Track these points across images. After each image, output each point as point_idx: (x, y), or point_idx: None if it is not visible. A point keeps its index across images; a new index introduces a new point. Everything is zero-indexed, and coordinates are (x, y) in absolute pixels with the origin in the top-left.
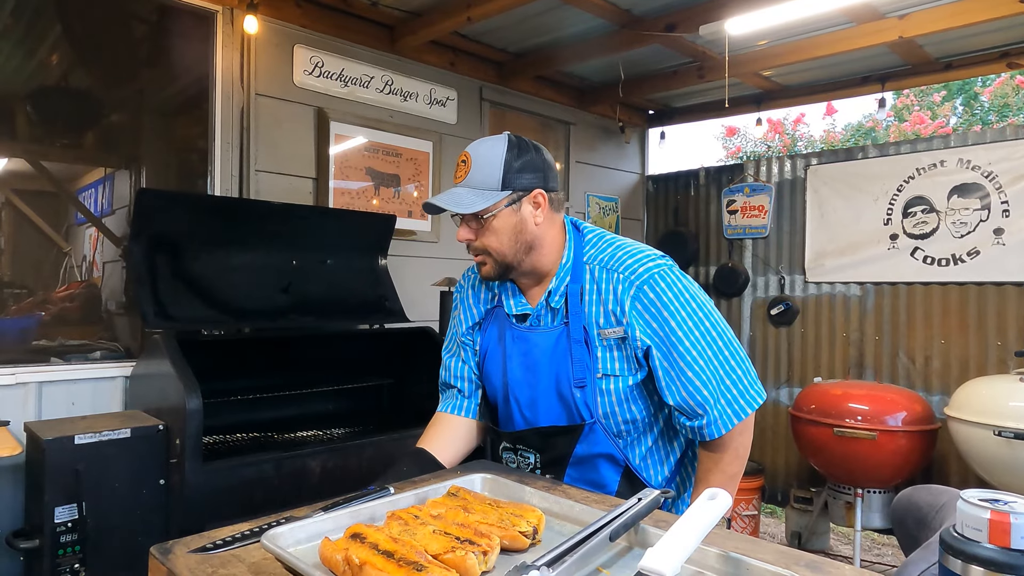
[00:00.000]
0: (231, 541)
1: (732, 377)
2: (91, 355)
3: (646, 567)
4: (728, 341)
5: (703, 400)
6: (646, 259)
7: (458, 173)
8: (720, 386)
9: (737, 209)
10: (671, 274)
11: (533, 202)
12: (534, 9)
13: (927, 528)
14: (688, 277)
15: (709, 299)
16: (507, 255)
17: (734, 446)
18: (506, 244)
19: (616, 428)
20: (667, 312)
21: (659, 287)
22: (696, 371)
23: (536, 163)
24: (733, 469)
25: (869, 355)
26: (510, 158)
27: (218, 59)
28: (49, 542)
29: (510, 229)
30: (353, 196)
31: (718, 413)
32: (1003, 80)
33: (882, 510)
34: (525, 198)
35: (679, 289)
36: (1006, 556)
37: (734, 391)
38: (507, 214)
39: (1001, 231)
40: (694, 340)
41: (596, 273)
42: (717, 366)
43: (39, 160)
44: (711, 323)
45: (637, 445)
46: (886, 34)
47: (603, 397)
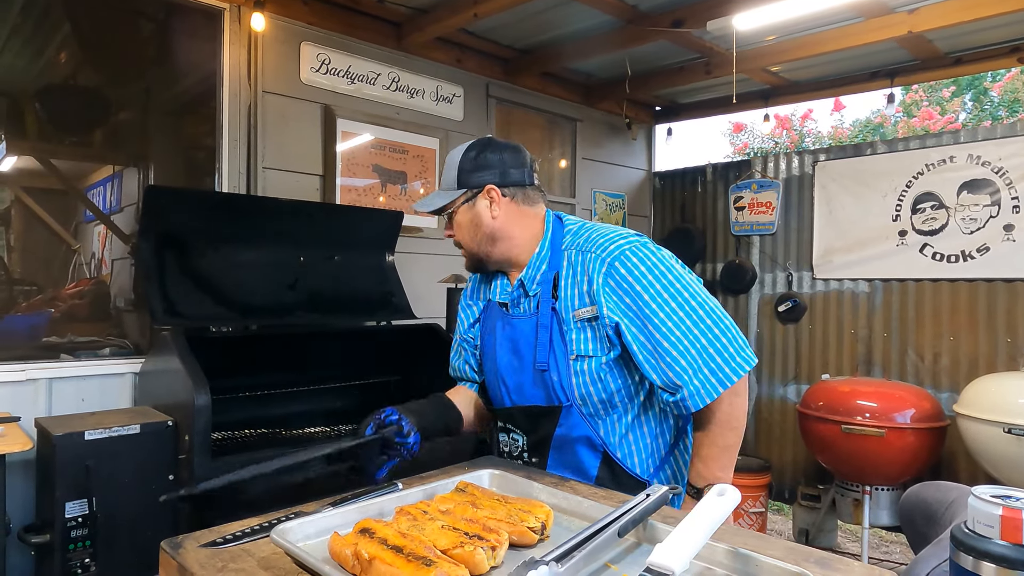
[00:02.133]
0: (241, 536)
1: (715, 345)
2: (100, 351)
3: (655, 563)
4: (708, 310)
5: (681, 371)
6: (618, 237)
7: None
8: (700, 356)
9: (744, 205)
10: (642, 250)
11: (487, 197)
12: (540, 5)
13: (936, 524)
14: (664, 252)
15: (687, 271)
16: (471, 246)
17: (723, 417)
18: (468, 237)
19: (592, 409)
20: (639, 287)
21: (629, 263)
22: (672, 342)
23: (492, 162)
24: (725, 440)
25: (877, 352)
26: (466, 159)
27: (225, 57)
28: (60, 537)
29: (469, 223)
30: (360, 193)
31: (699, 383)
32: (1013, 75)
33: (890, 507)
34: (480, 194)
35: (651, 263)
36: (1018, 552)
37: (717, 359)
38: (464, 210)
39: (1011, 227)
40: (668, 312)
41: (572, 257)
42: (696, 336)
43: (48, 158)
44: (689, 293)
45: (615, 429)
46: (895, 29)
47: (577, 378)
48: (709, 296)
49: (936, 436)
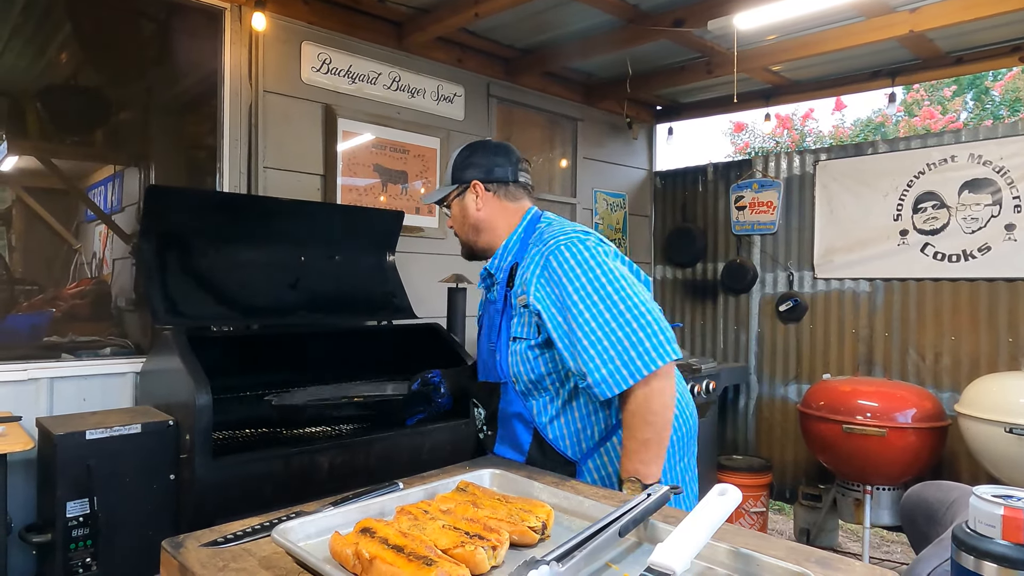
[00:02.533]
0: (242, 535)
1: (630, 338)
2: (101, 351)
3: (656, 563)
4: (630, 304)
5: (589, 359)
6: (562, 233)
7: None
8: (613, 347)
9: (745, 205)
10: (576, 244)
11: (473, 191)
12: (541, 5)
13: (937, 524)
14: (601, 248)
15: (619, 263)
16: (461, 235)
17: (638, 410)
18: (458, 226)
19: (524, 387)
20: (565, 279)
21: (562, 256)
22: (586, 331)
23: (480, 161)
24: (643, 434)
25: (878, 352)
26: (460, 157)
27: (226, 56)
28: (61, 536)
29: (459, 215)
30: (361, 192)
31: (608, 372)
32: (1015, 74)
33: (891, 507)
34: (467, 189)
35: (581, 257)
36: (1020, 552)
37: (630, 352)
38: (456, 202)
39: (1013, 227)
40: (588, 303)
41: (532, 250)
42: (612, 328)
43: (49, 158)
44: (613, 288)
45: (546, 410)
46: (896, 28)
47: (512, 358)
48: (637, 291)
49: (937, 436)
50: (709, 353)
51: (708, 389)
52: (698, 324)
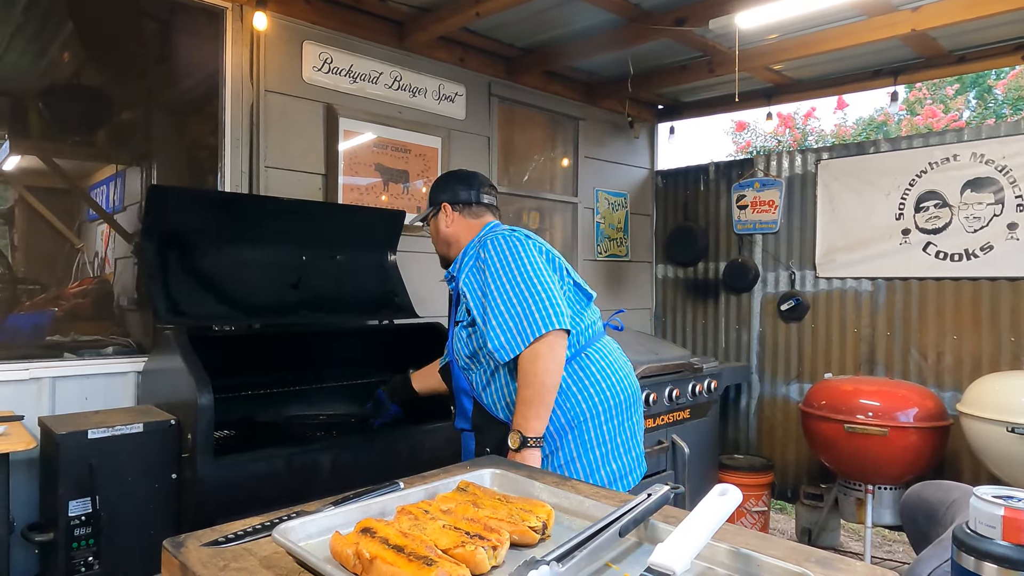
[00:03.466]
0: (243, 535)
1: (523, 311)
2: (104, 350)
3: (656, 563)
4: (531, 282)
5: (491, 329)
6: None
7: None
8: (511, 318)
9: (747, 204)
10: (500, 238)
11: (443, 211)
12: (543, 4)
13: (938, 524)
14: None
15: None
16: (437, 248)
17: (524, 371)
18: (434, 240)
19: (464, 363)
20: (485, 266)
21: (486, 249)
22: (493, 306)
23: (447, 186)
24: (524, 392)
25: (880, 351)
26: (435, 184)
27: (228, 56)
28: (63, 535)
29: (434, 231)
30: (362, 192)
31: (504, 340)
32: (1017, 73)
33: (893, 507)
34: (439, 210)
35: (502, 248)
36: (1020, 553)
37: (522, 322)
38: (432, 222)
39: (1015, 226)
40: (496, 286)
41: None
42: (513, 303)
43: (51, 157)
44: (520, 269)
45: (480, 380)
46: (898, 27)
47: (453, 340)
48: (541, 272)
49: (939, 435)
50: (711, 352)
51: (710, 388)
52: (700, 323)
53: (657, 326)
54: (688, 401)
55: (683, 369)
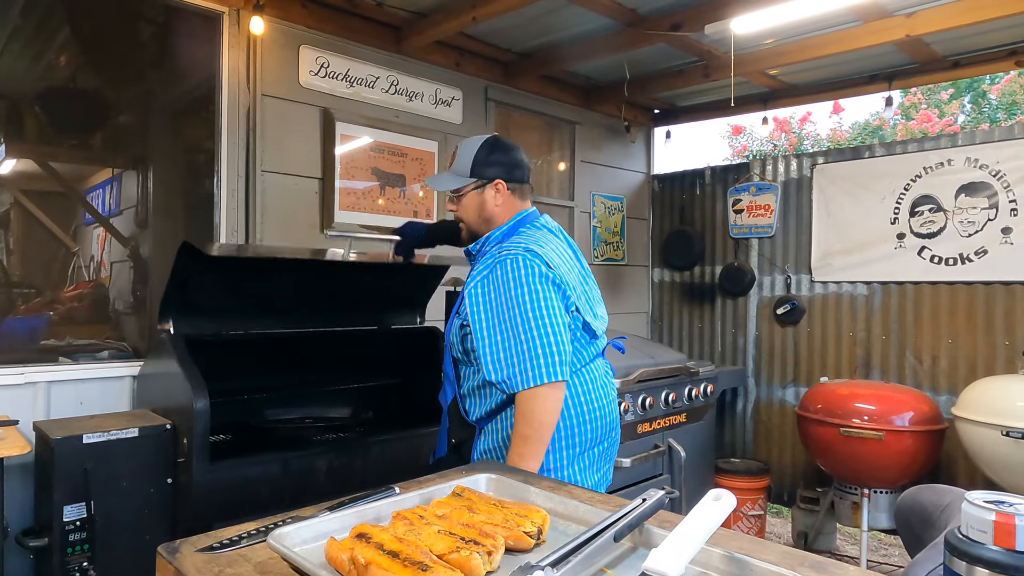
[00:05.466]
0: (237, 540)
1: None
2: (99, 354)
3: (650, 568)
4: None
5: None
6: (511, 248)
7: (449, 161)
8: (516, 355)
9: (743, 208)
10: (515, 263)
11: (494, 188)
12: (539, 9)
13: (932, 528)
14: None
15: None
16: (472, 225)
17: (524, 411)
18: (472, 217)
19: (457, 354)
20: (493, 288)
21: (504, 267)
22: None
23: (502, 160)
24: (522, 431)
25: (876, 355)
26: (481, 153)
27: (224, 60)
28: (58, 540)
29: (475, 206)
30: (359, 196)
31: (507, 375)
32: (1011, 78)
33: (889, 510)
34: (488, 184)
35: (514, 276)
36: (1011, 558)
37: (526, 364)
38: (473, 195)
39: (1009, 230)
40: (505, 315)
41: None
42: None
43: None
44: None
45: (467, 377)
46: (893, 32)
47: (450, 329)
48: (552, 313)
49: (934, 439)
50: (707, 356)
51: (706, 392)
52: (696, 327)
53: (653, 330)
54: (684, 405)
55: (679, 373)
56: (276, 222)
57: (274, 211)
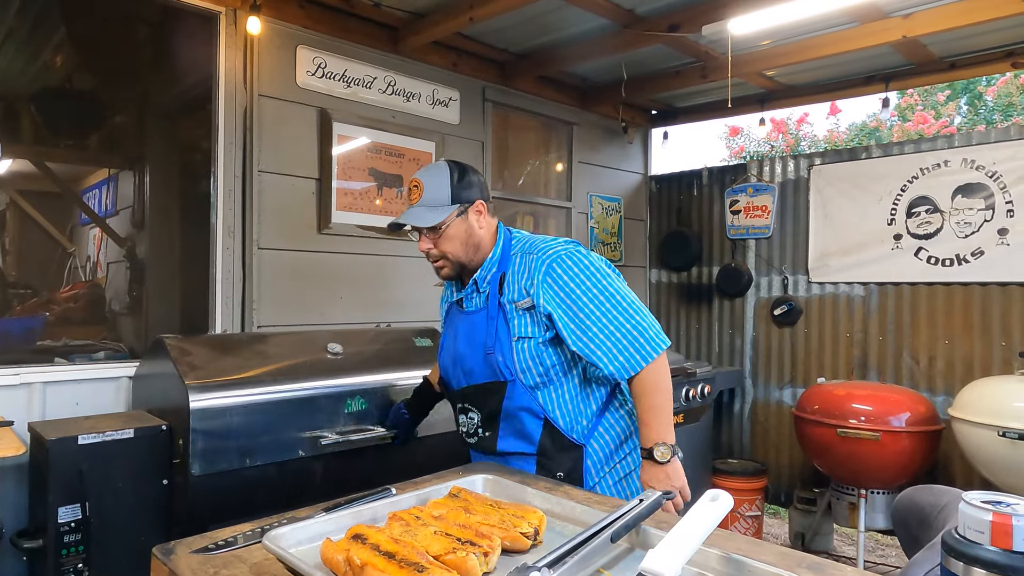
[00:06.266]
0: (233, 542)
1: (636, 330)
2: (95, 355)
3: (647, 568)
4: (630, 304)
5: (606, 351)
6: (556, 244)
7: (412, 196)
8: (624, 338)
9: (740, 209)
10: (576, 254)
11: (476, 211)
12: (537, 9)
13: (929, 528)
14: (593, 256)
15: (613, 271)
16: (460, 256)
17: (652, 383)
18: (459, 247)
19: (533, 381)
20: (572, 284)
21: (564, 264)
22: (599, 328)
23: (473, 181)
24: (656, 400)
25: (873, 355)
26: (455, 178)
27: (221, 60)
28: (53, 542)
29: (462, 235)
30: (356, 196)
31: (624, 360)
32: (1007, 79)
33: (886, 511)
34: (470, 208)
35: (583, 265)
36: (1008, 558)
37: (636, 342)
38: (458, 223)
39: (1005, 231)
40: (597, 304)
41: (517, 259)
42: (620, 323)
43: (44, 161)
44: (613, 290)
45: (552, 398)
46: (890, 33)
47: (519, 355)
48: (629, 292)
49: (931, 439)
50: (704, 357)
51: (703, 393)
52: (693, 328)
53: None
54: (682, 406)
55: (677, 374)
56: (273, 222)
57: (271, 211)
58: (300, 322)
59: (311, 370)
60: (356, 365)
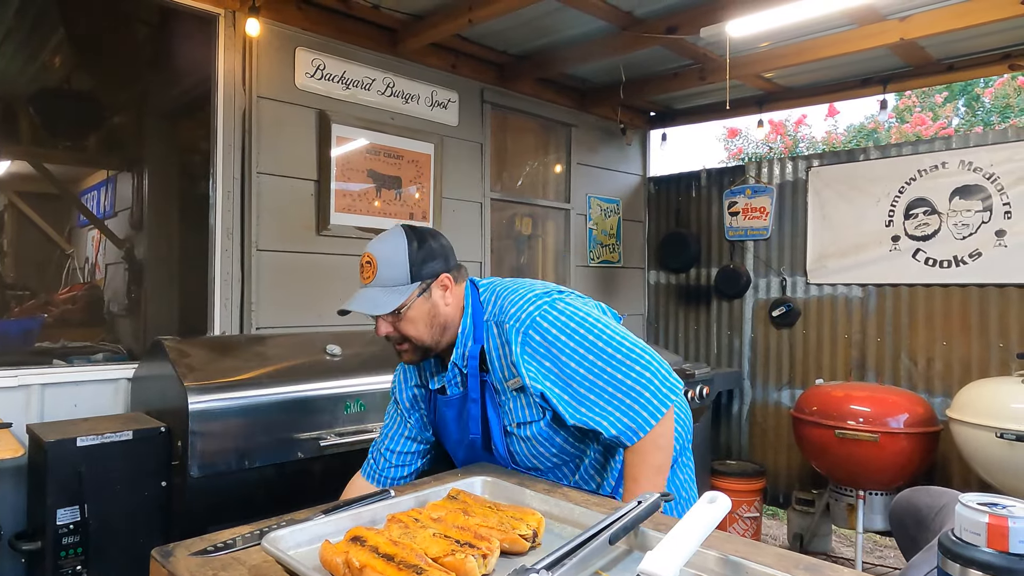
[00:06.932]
0: (232, 544)
1: (638, 386)
2: (93, 357)
3: (645, 570)
4: (626, 355)
5: (604, 416)
6: (527, 303)
7: (365, 274)
8: (627, 398)
9: (739, 211)
10: (552, 309)
11: (441, 286)
12: (535, 11)
13: (927, 530)
14: (577, 304)
15: (602, 318)
16: (425, 340)
17: (654, 442)
18: (423, 330)
19: (548, 464)
20: (555, 349)
21: (541, 328)
22: (597, 393)
23: (436, 250)
24: (656, 461)
25: (871, 357)
26: (412, 251)
27: (220, 62)
28: (51, 544)
29: (425, 316)
30: (355, 198)
31: (630, 421)
32: (1005, 81)
33: (884, 512)
34: (434, 284)
35: (562, 322)
36: (1004, 560)
37: (643, 398)
38: (420, 303)
39: (1003, 233)
40: (589, 365)
41: (493, 330)
42: (619, 381)
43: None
44: (603, 343)
45: (575, 469)
46: (887, 36)
47: (525, 444)
48: (625, 338)
49: (929, 441)
50: (703, 358)
51: (702, 394)
52: (692, 329)
53: (649, 332)
54: None
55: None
56: (272, 224)
57: (270, 213)
58: (299, 324)
59: (310, 372)
60: (355, 367)
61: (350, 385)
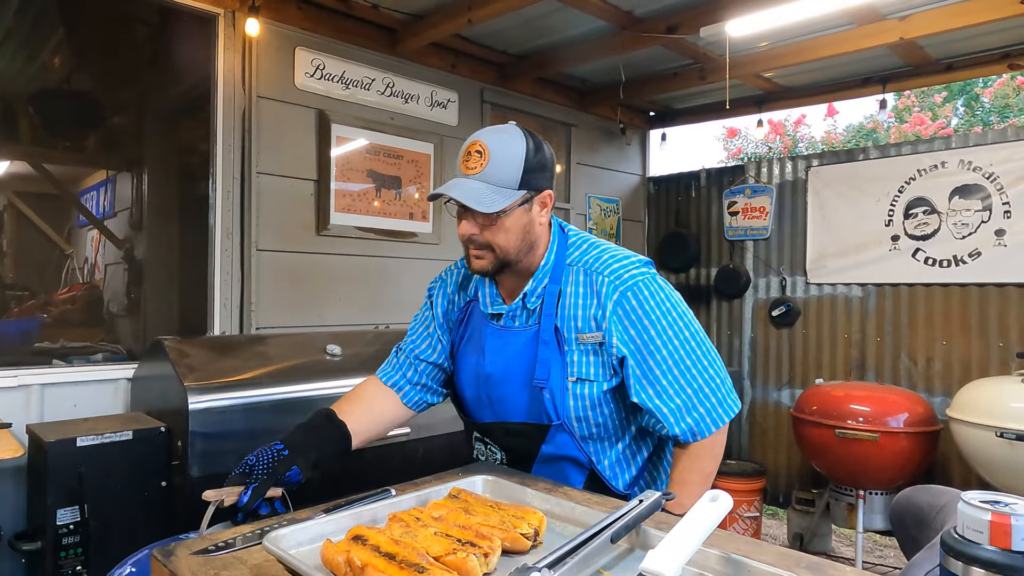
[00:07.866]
0: (233, 543)
1: (710, 387)
2: (93, 357)
3: (647, 569)
4: (707, 352)
5: (676, 408)
6: (631, 266)
7: (470, 164)
8: (697, 395)
9: (738, 210)
10: (655, 283)
11: (541, 203)
12: (535, 11)
13: (927, 529)
14: (669, 287)
15: (689, 309)
16: (511, 253)
17: (711, 449)
18: (513, 242)
19: (586, 431)
20: (647, 321)
21: (642, 295)
22: (671, 379)
23: (547, 162)
24: (709, 468)
25: (871, 356)
26: (529, 155)
27: (220, 62)
28: (51, 544)
29: (520, 228)
30: (354, 198)
31: (693, 421)
32: (1004, 80)
33: (884, 511)
34: (536, 198)
35: (662, 298)
36: (1007, 558)
37: (712, 400)
38: (519, 213)
39: (1002, 232)
40: (672, 350)
41: (579, 275)
42: (694, 376)
43: (41, 163)
44: (690, 334)
45: (606, 451)
46: (887, 35)
47: (575, 401)
48: (707, 338)
49: (929, 440)
50: None
51: None
52: None
53: None
54: None
55: None
56: (271, 224)
57: (269, 213)
58: (299, 323)
59: (310, 372)
60: (355, 367)
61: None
